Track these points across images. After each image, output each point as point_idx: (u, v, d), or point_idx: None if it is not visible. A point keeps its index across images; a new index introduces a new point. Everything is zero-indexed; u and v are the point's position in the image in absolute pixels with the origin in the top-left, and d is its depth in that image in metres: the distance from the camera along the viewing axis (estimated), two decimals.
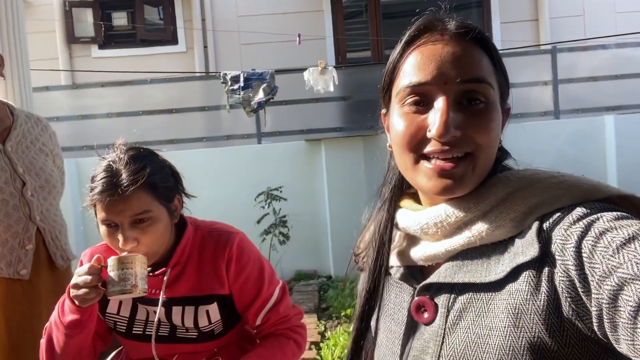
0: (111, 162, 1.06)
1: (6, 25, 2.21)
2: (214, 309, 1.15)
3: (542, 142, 4.23)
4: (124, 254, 1.05)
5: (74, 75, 5.47)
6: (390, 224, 0.73)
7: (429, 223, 0.66)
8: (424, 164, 0.63)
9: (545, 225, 0.57)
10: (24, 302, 1.49)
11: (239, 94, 4.16)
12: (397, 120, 0.65)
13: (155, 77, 4.89)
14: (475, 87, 0.61)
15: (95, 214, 1.09)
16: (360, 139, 4.20)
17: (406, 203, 0.73)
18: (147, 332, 1.17)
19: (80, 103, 4.81)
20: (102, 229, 1.08)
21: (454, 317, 0.62)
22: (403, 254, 0.72)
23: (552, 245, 0.56)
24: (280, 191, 4.11)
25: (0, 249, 1.45)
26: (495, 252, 0.61)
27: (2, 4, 2.20)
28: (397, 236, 0.74)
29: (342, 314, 3.29)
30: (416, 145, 0.63)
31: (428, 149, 0.62)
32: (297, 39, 4.46)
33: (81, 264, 1.20)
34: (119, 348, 1.31)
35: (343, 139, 4.31)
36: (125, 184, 1.01)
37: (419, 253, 0.68)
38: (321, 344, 2.83)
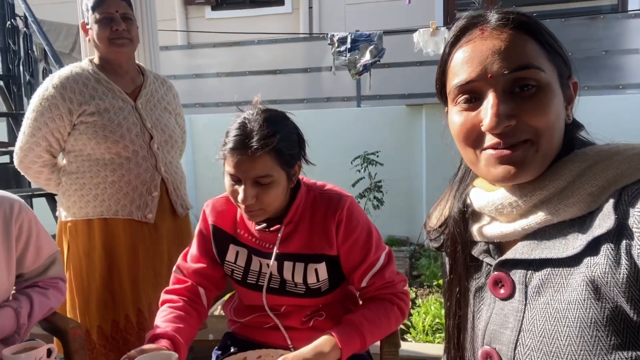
0: (246, 121, 1.10)
1: None
2: (322, 268, 1.20)
3: None
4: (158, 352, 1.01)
5: (189, 36, 5.82)
6: (463, 211, 0.75)
7: (503, 203, 0.66)
8: (485, 152, 0.64)
9: (624, 197, 0.57)
10: (149, 243, 1.67)
11: (345, 56, 4.14)
12: (453, 119, 0.68)
13: (262, 38, 5.03)
14: (521, 74, 0.61)
15: (224, 164, 1.15)
16: None
17: (480, 182, 0.74)
18: (259, 283, 1.25)
19: (194, 62, 5.14)
20: (227, 180, 1.15)
21: (533, 292, 0.63)
22: (479, 231, 0.73)
23: (630, 217, 0.55)
24: (377, 156, 4.09)
25: (131, 194, 1.63)
26: (573, 228, 0.61)
27: None
28: (475, 214, 0.75)
29: (434, 283, 3.26)
30: (474, 141, 0.65)
31: (486, 143, 0.64)
32: None
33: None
34: (232, 292, 1.44)
35: None
36: (255, 147, 1.06)
37: (495, 231, 0.69)
38: (412, 311, 2.85)
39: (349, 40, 4.14)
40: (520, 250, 0.65)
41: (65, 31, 3.58)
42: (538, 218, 0.63)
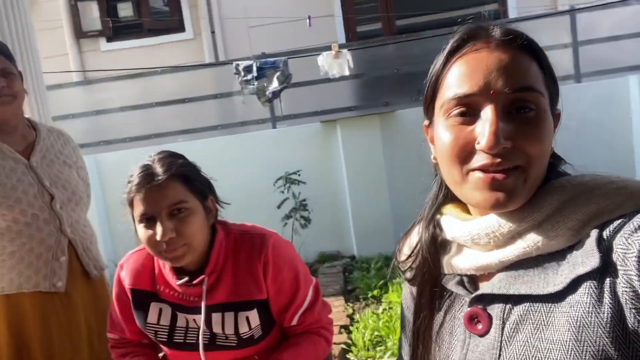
0: (145, 162, 1.12)
1: (14, 26, 2.17)
2: (253, 315, 1.16)
3: (565, 107, 4.12)
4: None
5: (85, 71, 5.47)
6: (434, 242, 0.71)
7: (480, 234, 0.63)
8: (474, 174, 0.60)
9: (606, 233, 0.55)
10: (62, 314, 1.51)
11: (253, 84, 4.11)
12: (444, 133, 0.62)
13: (166, 66, 4.86)
14: (524, 95, 0.59)
15: (133, 217, 1.10)
16: (376, 117, 4.14)
17: (453, 211, 0.70)
18: (187, 341, 1.18)
19: (93, 98, 4.82)
20: (140, 228, 1.09)
21: (511, 329, 0.60)
22: (448, 263, 0.70)
23: (614, 254, 0.54)
24: (299, 175, 4.10)
25: (36, 263, 1.47)
26: (553, 263, 0.58)
27: (7, 4, 2.16)
28: (444, 243, 0.71)
29: (369, 294, 3.31)
30: (464, 158, 0.60)
31: (477, 163, 0.59)
32: (308, 20, 4.36)
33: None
34: (161, 354, 1.34)
35: (359, 118, 4.25)
36: (160, 173, 1.06)
37: (470, 263, 0.66)
38: (351, 327, 2.86)
39: (254, 68, 4.12)
40: (497, 285, 0.62)
41: None
42: (516, 250, 0.60)
